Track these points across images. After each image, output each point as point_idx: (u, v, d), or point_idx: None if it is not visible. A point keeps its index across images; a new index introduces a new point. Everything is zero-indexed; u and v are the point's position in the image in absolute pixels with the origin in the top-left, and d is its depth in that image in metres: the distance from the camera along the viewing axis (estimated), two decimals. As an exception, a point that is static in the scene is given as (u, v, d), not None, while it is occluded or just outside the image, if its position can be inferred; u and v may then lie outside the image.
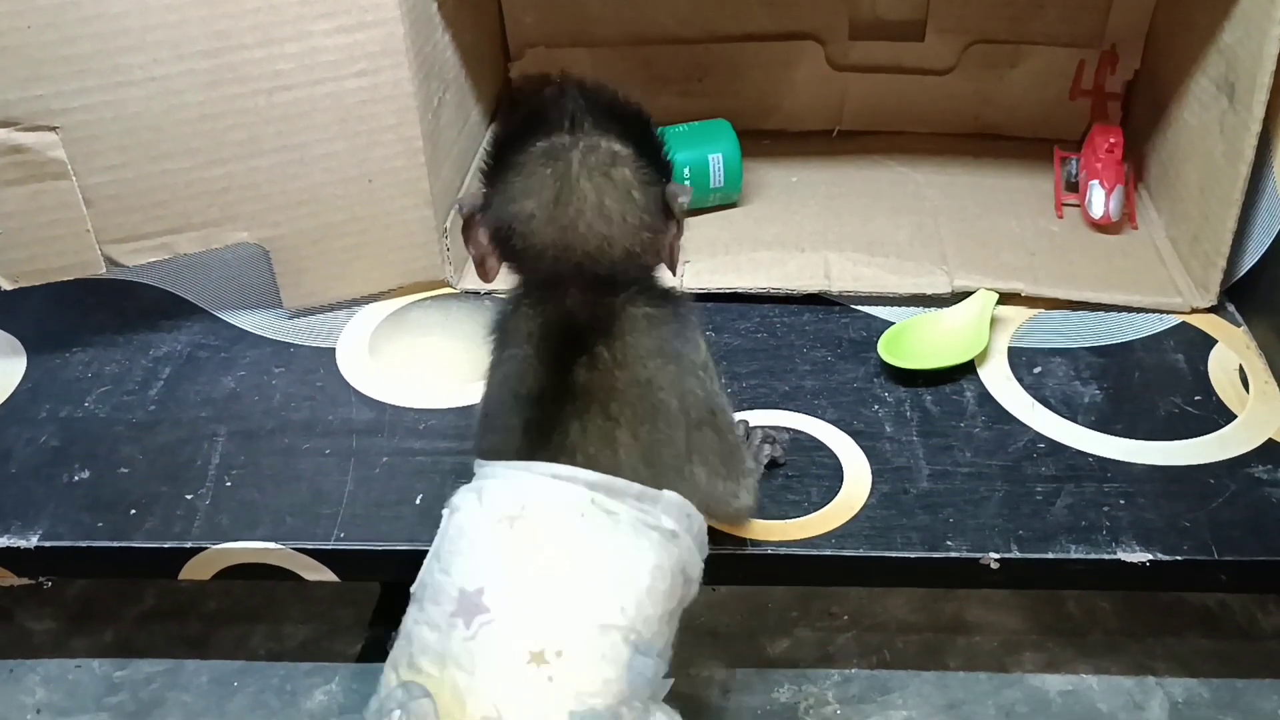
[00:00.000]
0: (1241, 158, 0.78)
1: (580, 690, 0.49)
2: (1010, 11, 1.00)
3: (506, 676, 0.49)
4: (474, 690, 0.49)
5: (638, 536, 0.54)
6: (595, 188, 0.57)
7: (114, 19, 0.72)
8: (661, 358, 0.58)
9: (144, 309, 0.89)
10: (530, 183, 0.58)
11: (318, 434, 0.77)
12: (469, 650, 0.50)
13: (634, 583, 0.52)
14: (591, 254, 0.57)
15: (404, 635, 0.54)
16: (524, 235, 0.58)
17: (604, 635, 0.51)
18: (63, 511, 0.71)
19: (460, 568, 0.53)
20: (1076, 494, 0.70)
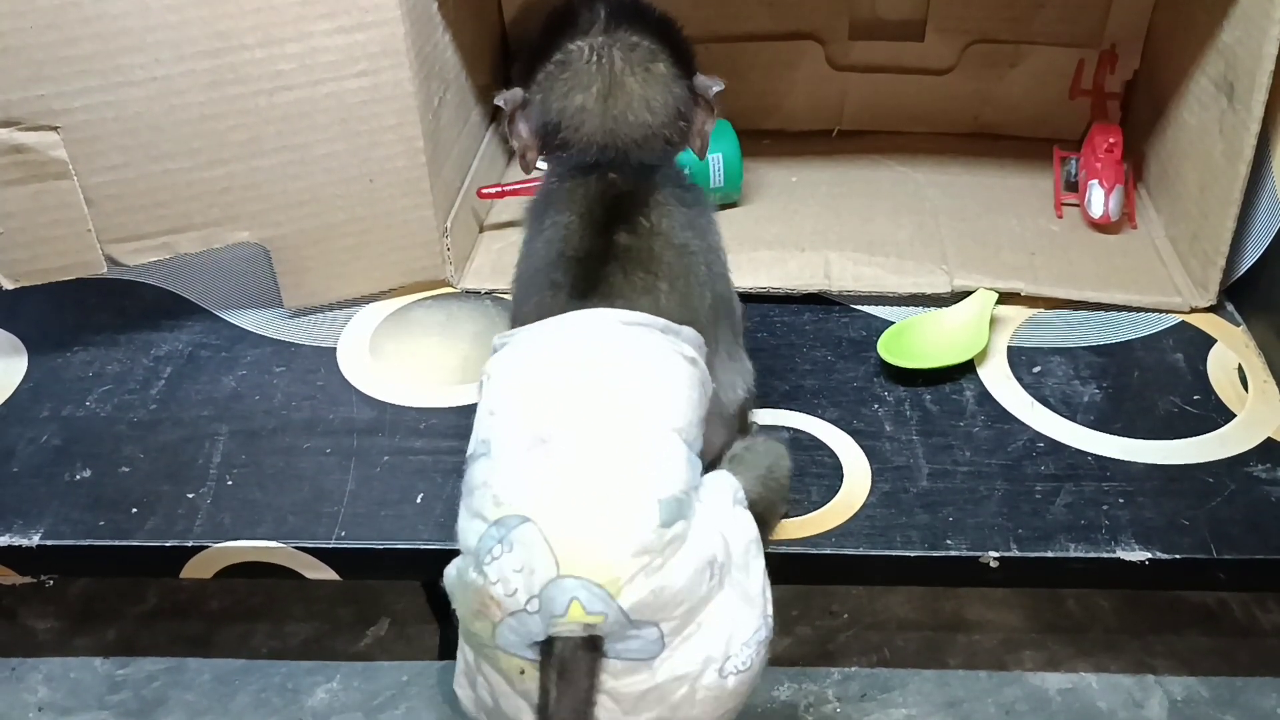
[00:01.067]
0: (1241, 157, 0.78)
1: (661, 483, 0.55)
2: (1010, 11, 1.00)
3: (600, 481, 0.55)
4: (570, 500, 0.54)
5: (669, 357, 0.60)
6: (639, 82, 0.64)
7: (115, 19, 0.72)
8: (692, 230, 0.65)
9: (145, 308, 0.89)
10: (578, 79, 0.64)
11: (319, 433, 0.77)
12: (562, 469, 0.55)
13: (679, 393, 0.59)
14: (637, 141, 0.64)
15: (477, 487, 0.56)
16: (573, 127, 0.64)
17: (669, 437, 0.57)
18: (65, 510, 0.71)
19: (531, 404, 0.58)
20: (1076, 493, 0.71)
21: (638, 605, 0.52)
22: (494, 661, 0.55)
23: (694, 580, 0.54)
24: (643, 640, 0.53)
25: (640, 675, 0.54)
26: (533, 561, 0.53)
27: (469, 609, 0.55)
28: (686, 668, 0.54)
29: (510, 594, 0.53)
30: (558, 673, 0.53)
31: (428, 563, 0.69)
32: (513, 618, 0.53)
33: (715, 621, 0.55)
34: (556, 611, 0.52)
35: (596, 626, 0.52)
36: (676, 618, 0.53)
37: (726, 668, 0.55)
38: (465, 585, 0.55)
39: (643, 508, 0.54)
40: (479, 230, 0.95)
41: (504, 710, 0.56)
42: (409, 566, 0.69)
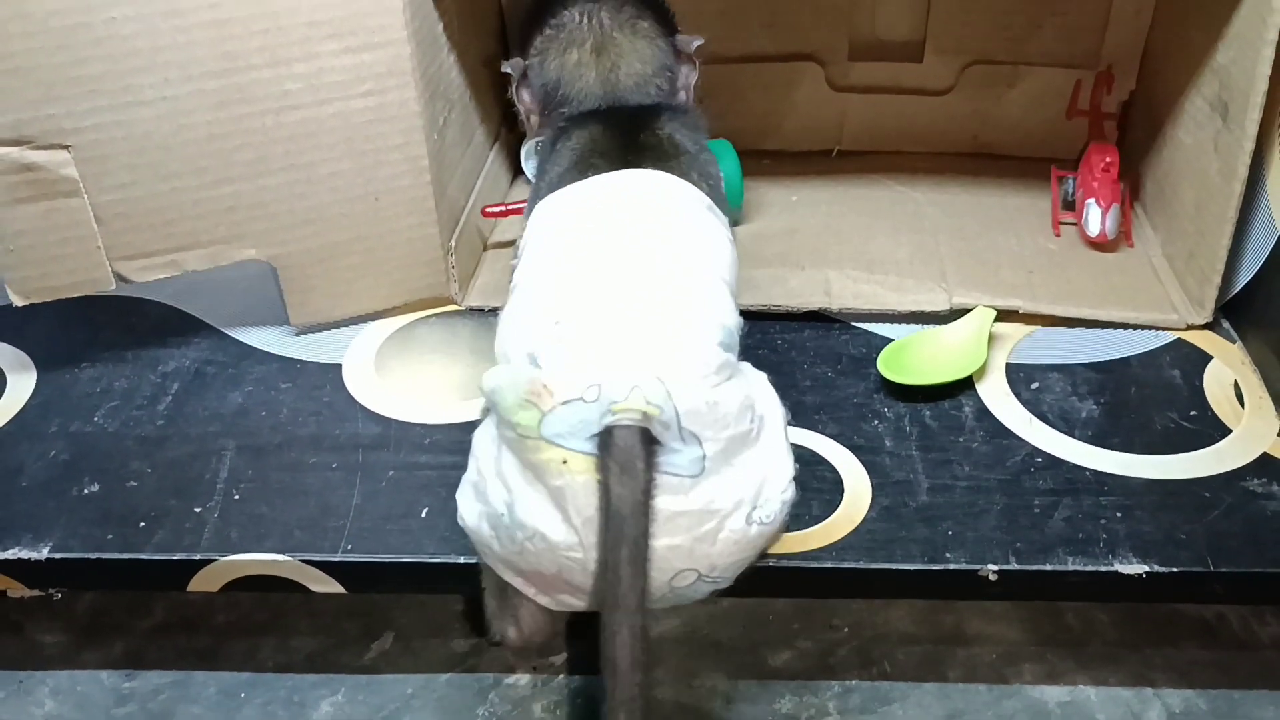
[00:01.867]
0: (1236, 175, 0.79)
1: (718, 315, 0.61)
2: (1008, 33, 1.01)
3: (667, 296, 0.59)
4: (639, 307, 0.58)
5: (719, 227, 0.66)
6: (627, 37, 0.74)
7: (125, 40, 0.74)
8: (700, 147, 0.73)
9: (152, 326, 0.90)
10: (572, 39, 0.73)
11: (325, 449, 0.78)
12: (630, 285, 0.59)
13: (725, 254, 0.65)
14: (630, 88, 0.73)
15: (533, 304, 0.60)
16: (571, 81, 0.73)
17: (720, 285, 0.63)
18: (73, 524, 0.72)
19: (598, 235, 0.62)
20: (1074, 507, 0.71)
21: (691, 411, 0.55)
22: (532, 453, 0.56)
23: (740, 411, 0.57)
24: (687, 456, 0.56)
25: (677, 495, 0.56)
26: (598, 353, 0.56)
27: (516, 398, 0.56)
28: (720, 502, 0.57)
29: (568, 383, 0.55)
30: (620, 464, 0.54)
31: (433, 576, 0.69)
32: (566, 407, 0.55)
33: (751, 467, 0.58)
34: (618, 396, 0.54)
35: (653, 419, 0.54)
36: (721, 441, 0.56)
37: (754, 515, 0.58)
38: (515, 378, 0.56)
39: (706, 323, 0.59)
40: (483, 249, 0.96)
41: (518, 516, 0.57)
42: (414, 580, 0.70)
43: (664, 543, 0.56)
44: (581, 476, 0.55)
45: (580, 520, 0.55)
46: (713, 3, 1.01)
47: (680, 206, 0.66)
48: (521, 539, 0.57)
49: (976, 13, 1.00)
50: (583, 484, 0.55)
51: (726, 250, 0.66)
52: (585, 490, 0.55)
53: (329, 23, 0.77)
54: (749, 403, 0.59)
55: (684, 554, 0.57)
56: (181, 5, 0.73)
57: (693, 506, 0.56)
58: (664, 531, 0.56)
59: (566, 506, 0.56)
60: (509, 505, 0.57)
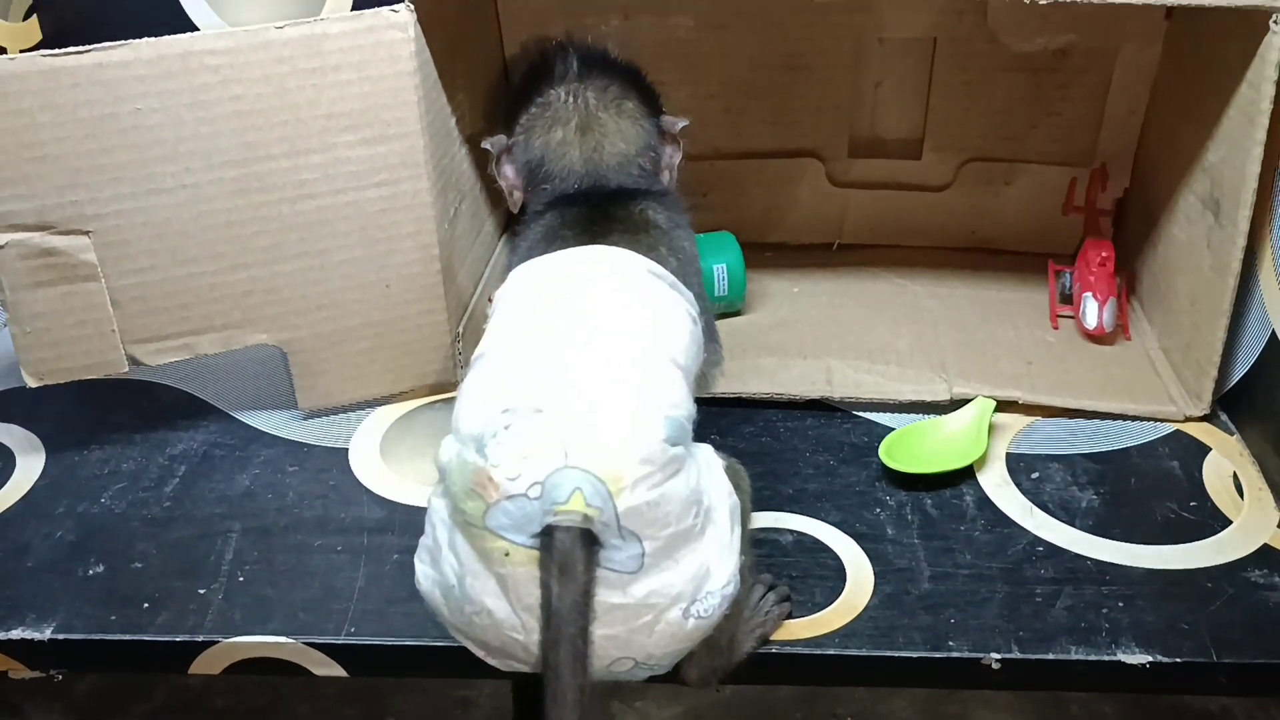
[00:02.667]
0: (1229, 270, 0.81)
1: (668, 402, 0.60)
2: (1004, 131, 1.04)
3: (613, 387, 0.59)
4: (584, 398, 0.58)
5: (679, 304, 0.66)
6: (612, 117, 0.75)
7: (149, 130, 0.76)
8: (675, 224, 0.74)
9: (162, 408, 0.91)
10: (557, 117, 0.75)
11: (330, 531, 0.78)
12: (578, 371, 0.59)
13: (683, 336, 0.65)
14: (613, 168, 0.74)
15: (485, 382, 0.60)
16: (555, 159, 0.74)
17: (674, 368, 0.62)
18: (77, 605, 0.72)
19: (550, 313, 0.63)
20: (1076, 596, 0.71)
21: (631, 511, 0.55)
22: (477, 541, 0.57)
23: (683, 508, 0.57)
24: (626, 554, 0.56)
25: (615, 590, 0.56)
26: (540, 450, 0.56)
27: (463, 487, 0.57)
28: (658, 597, 0.57)
29: (512, 478, 0.55)
30: (559, 566, 0.55)
31: (436, 660, 0.69)
32: (510, 501, 0.55)
33: (692, 563, 0.58)
34: (559, 499, 0.54)
35: (593, 521, 0.54)
36: (661, 540, 0.57)
37: (692, 609, 0.58)
38: (464, 465, 0.57)
39: (652, 419, 0.58)
40: (490, 336, 0.97)
41: (467, 590, 0.58)
42: (417, 664, 0.70)
43: (601, 633, 0.57)
44: (523, 569, 0.56)
45: (522, 607, 0.57)
46: (716, 100, 1.04)
47: (638, 285, 0.66)
48: (469, 612, 0.59)
49: (973, 112, 1.03)
50: (524, 575, 0.56)
51: (684, 330, 0.66)
52: (527, 581, 0.56)
53: (346, 115, 0.79)
54: (695, 497, 0.59)
55: (620, 644, 0.58)
56: (206, 97, 0.76)
57: (630, 601, 0.57)
58: (602, 623, 0.57)
59: (510, 593, 0.57)
60: (460, 578, 0.59)
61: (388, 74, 0.79)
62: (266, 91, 0.77)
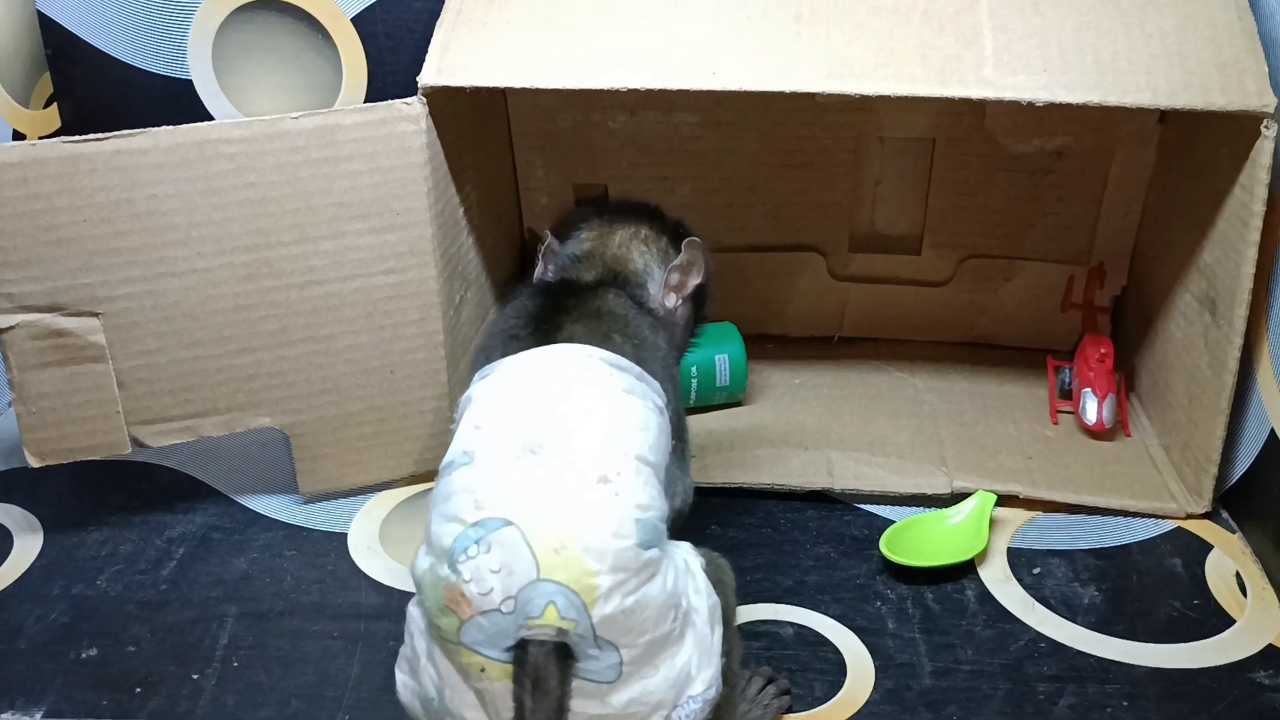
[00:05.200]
0: (1226, 369, 0.81)
1: (637, 503, 0.58)
2: (1002, 230, 1.06)
3: (582, 494, 0.57)
4: (553, 508, 0.57)
5: (646, 397, 0.64)
6: (627, 233, 0.77)
7: (164, 215, 0.77)
8: (637, 311, 0.72)
9: (161, 490, 0.91)
10: (594, 229, 0.77)
11: (326, 617, 0.78)
12: (545, 479, 0.58)
13: (651, 430, 0.63)
14: (608, 264, 0.75)
15: (456, 492, 0.58)
16: (572, 250, 0.76)
17: (643, 466, 0.60)
18: (68, 688, 0.72)
19: (515, 420, 0.61)
20: (1079, 694, 0.71)
21: (606, 620, 0.55)
22: (453, 656, 0.56)
23: (660, 613, 0.57)
24: (603, 664, 0.56)
25: (593, 700, 0.56)
26: (512, 563, 0.55)
27: (437, 603, 0.56)
28: (637, 705, 0.56)
29: (485, 593, 0.55)
30: (532, 681, 0.55)
31: (429, 751, 0.68)
32: (484, 616, 0.55)
33: (672, 669, 0.57)
34: (533, 614, 0.54)
35: (568, 634, 0.54)
36: (639, 647, 0.56)
37: (674, 715, 0.57)
38: (436, 580, 0.56)
39: (623, 524, 0.57)
40: (491, 423, 0.98)
41: (446, 703, 0.57)
42: (410, 754, 0.69)
43: None
44: (499, 683, 0.56)
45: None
46: (719, 194, 1.06)
47: (599, 382, 0.64)
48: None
49: (972, 210, 1.05)
50: (500, 689, 0.56)
51: (651, 424, 0.63)
52: (503, 695, 0.56)
53: (357, 204, 0.81)
54: (673, 600, 0.58)
55: None
56: (220, 184, 0.77)
57: (609, 711, 0.56)
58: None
59: (488, 707, 0.57)
60: (439, 690, 0.58)
61: (399, 164, 0.80)
62: (279, 180, 0.79)
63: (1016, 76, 0.77)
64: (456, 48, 0.81)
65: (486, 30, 0.82)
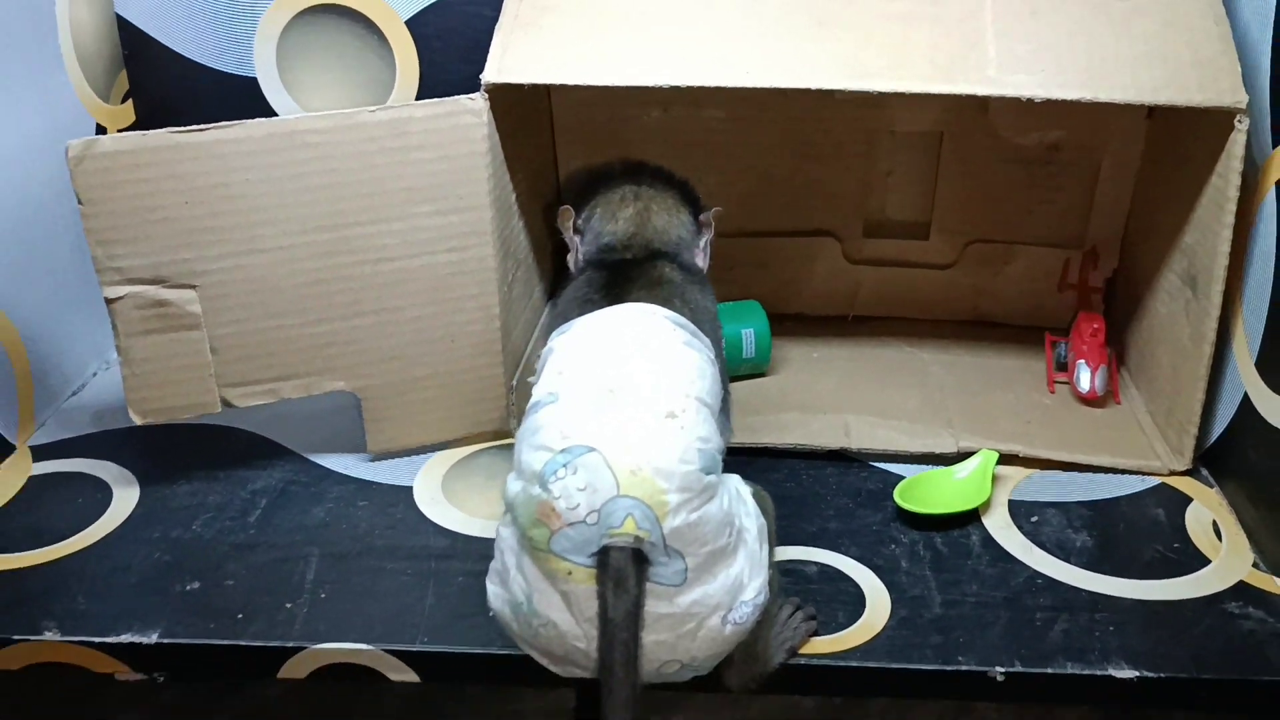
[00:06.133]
0: (1205, 339, 0.91)
1: (699, 435, 0.68)
2: (1003, 216, 1.15)
3: (653, 426, 0.68)
4: (630, 437, 0.67)
5: (703, 351, 0.76)
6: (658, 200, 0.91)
7: (254, 198, 0.87)
8: (689, 281, 0.85)
9: (240, 450, 1.00)
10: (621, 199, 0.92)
11: (400, 557, 0.87)
12: (621, 413, 0.68)
13: (706, 377, 0.74)
14: (653, 232, 0.89)
15: (543, 426, 0.69)
16: (610, 223, 0.90)
17: (702, 406, 0.71)
18: (178, 615, 0.81)
19: (593, 365, 0.72)
20: (1071, 622, 0.80)
21: (674, 532, 0.65)
22: (543, 563, 0.66)
23: (719, 529, 0.67)
24: (671, 569, 0.66)
25: (663, 600, 0.65)
26: (596, 483, 0.65)
27: (529, 518, 0.66)
28: (699, 607, 0.66)
29: (572, 507, 0.64)
30: (614, 581, 0.64)
31: (501, 667, 0.78)
32: (571, 528, 0.64)
33: (728, 578, 0.68)
34: (614, 524, 0.64)
35: (643, 541, 0.64)
36: (700, 556, 0.66)
37: (729, 617, 0.67)
38: (529, 499, 0.66)
39: (689, 452, 0.67)
40: (537, 391, 1.07)
41: (535, 605, 0.67)
42: (484, 670, 0.78)
43: (651, 639, 0.67)
44: (583, 585, 0.66)
45: (584, 619, 0.66)
46: (743, 184, 1.15)
47: (664, 335, 0.75)
48: (536, 625, 0.68)
49: (975, 199, 1.14)
50: (584, 591, 0.66)
51: (707, 373, 0.74)
52: (587, 596, 0.66)
53: (424, 189, 0.90)
54: (728, 519, 0.68)
55: (668, 648, 0.67)
56: (303, 169, 0.87)
57: (676, 610, 0.66)
58: (651, 630, 0.66)
59: (573, 607, 0.67)
60: (528, 596, 0.68)
61: (463, 154, 0.89)
62: (356, 166, 0.88)
63: (1016, 75, 0.86)
64: (514, 49, 0.91)
65: (540, 33, 0.92)
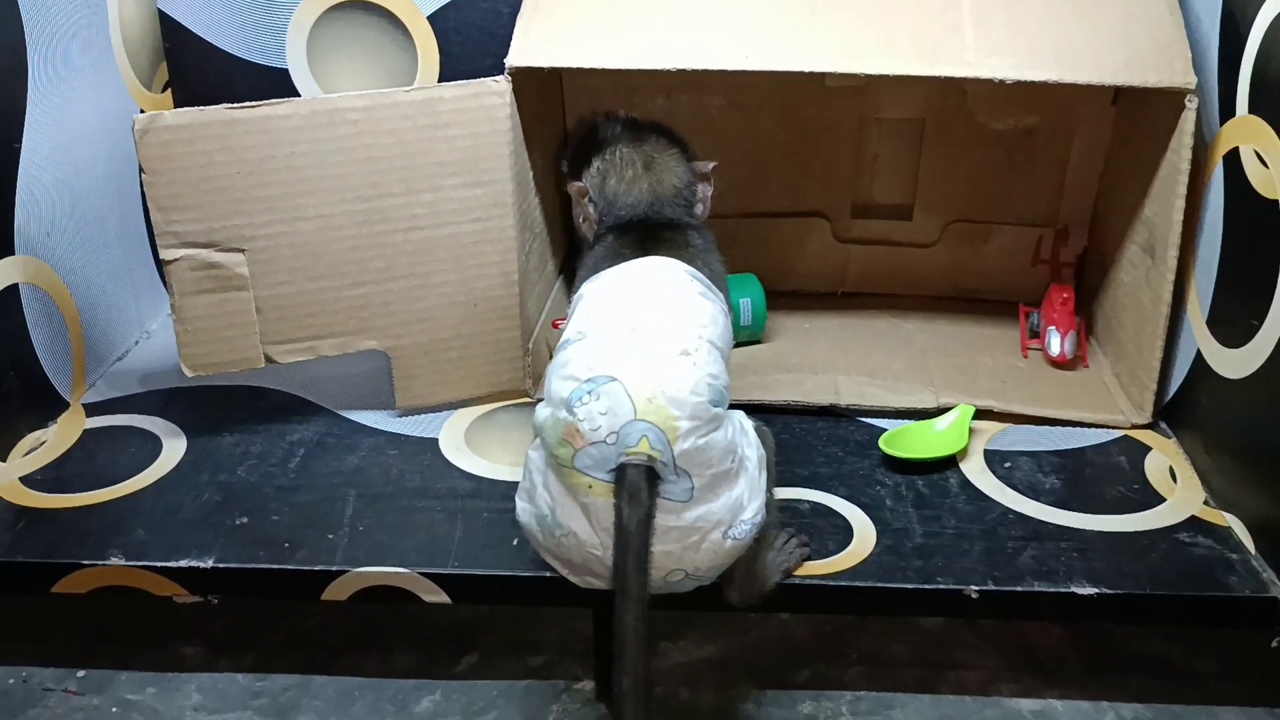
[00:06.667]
0: (1163, 301, 1.00)
1: (709, 372, 0.77)
2: (981, 198, 1.24)
3: (668, 361, 0.76)
4: (648, 369, 0.75)
5: (717, 303, 0.85)
6: (663, 163, 0.95)
7: (299, 170, 0.95)
8: (708, 248, 0.94)
9: (278, 408, 1.08)
10: (627, 162, 0.95)
11: (430, 497, 0.95)
12: (641, 349, 0.77)
13: (719, 324, 0.83)
14: (668, 199, 0.94)
15: (571, 360, 0.77)
16: (627, 193, 0.94)
17: (713, 349, 0.79)
18: (230, 545, 0.89)
19: (618, 308, 0.82)
20: (1039, 549, 0.89)
21: (683, 454, 0.73)
22: (567, 478, 0.75)
23: (723, 454, 0.75)
24: (679, 487, 0.74)
25: (671, 515, 0.74)
26: (616, 408, 0.73)
27: (556, 438, 0.74)
28: (703, 522, 0.75)
29: (594, 429, 0.73)
30: (629, 493, 0.72)
31: (525, 588, 0.86)
32: (593, 447, 0.73)
33: (730, 497, 0.76)
34: (631, 443, 0.73)
35: (656, 461, 0.72)
36: (706, 477, 0.74)
37: (729, 533, 0.76)
38: (556, 421, 0.75)
39: (699, 386, 0.75)
40: (549, 355, 1.15)
41: (558, 517, 0.76)
42: (510, 591, 0.86)
43: (660, 549, 0.75)
44: (602, 498, 0.74)
45: (601, 529, 0.75)
46: (740, 167, 1.23)
47: (684, 285, 0.84)
48: (559, 535, 0.77)
49: (956, 181, 1.23)
50: (602, 504, 0.74)
51: (720, 321, 0.83)
52: (605, 508, 0.74)
53: (452, 164, 0.98)
54: (731, 447, 0.77)
55: (674, 558, 0.76)
56: (345, 144, 0.95)
57: (682, 524, 0.75)
58: (660, 541, 0.75)
59: (591, 518, 0.75)
60: (551, 509, 0.77)
61: (487, 131, 0.98)
62: (391, 141, 0.96)
63: (992, 59, 0.95)
64: (535, 35, 0.99)
65: (559, 22, 1.00)
